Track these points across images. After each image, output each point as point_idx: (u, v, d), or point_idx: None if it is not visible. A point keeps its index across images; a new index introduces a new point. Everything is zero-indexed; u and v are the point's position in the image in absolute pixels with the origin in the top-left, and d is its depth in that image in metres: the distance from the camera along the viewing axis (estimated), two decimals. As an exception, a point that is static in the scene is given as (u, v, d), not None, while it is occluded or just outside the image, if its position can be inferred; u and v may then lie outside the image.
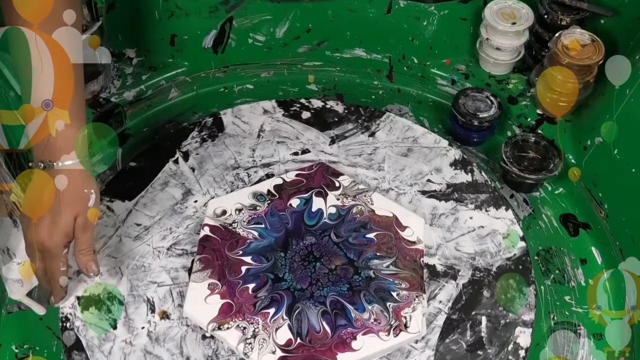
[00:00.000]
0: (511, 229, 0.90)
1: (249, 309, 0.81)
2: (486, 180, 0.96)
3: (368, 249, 0.86)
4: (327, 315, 0.81)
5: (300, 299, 0.82)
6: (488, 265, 0.87)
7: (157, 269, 0.88)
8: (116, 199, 0.95)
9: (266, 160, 0.99)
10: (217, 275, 0.85)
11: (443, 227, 0.91)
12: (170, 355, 0.81)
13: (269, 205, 0.92)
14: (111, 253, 0.90)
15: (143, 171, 0.99)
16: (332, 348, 0.78)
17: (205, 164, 0.99)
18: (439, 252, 0.88)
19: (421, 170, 0.97)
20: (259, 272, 0.85)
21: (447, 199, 0.94)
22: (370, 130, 1.02)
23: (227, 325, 0.80)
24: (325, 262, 0.86)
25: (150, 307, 0.85)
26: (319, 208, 0.91)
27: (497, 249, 0.88)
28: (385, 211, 0.90)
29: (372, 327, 0.79)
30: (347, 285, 0.83)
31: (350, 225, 0.89)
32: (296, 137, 1.02)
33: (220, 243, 0.88)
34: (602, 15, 1.07)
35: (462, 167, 0.97)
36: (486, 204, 0.93)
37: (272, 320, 0.80)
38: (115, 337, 0.83)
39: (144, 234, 0.92)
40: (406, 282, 0.83)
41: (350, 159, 0.99)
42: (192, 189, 0.96)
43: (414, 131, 1.02)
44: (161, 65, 1.17)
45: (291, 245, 0.87)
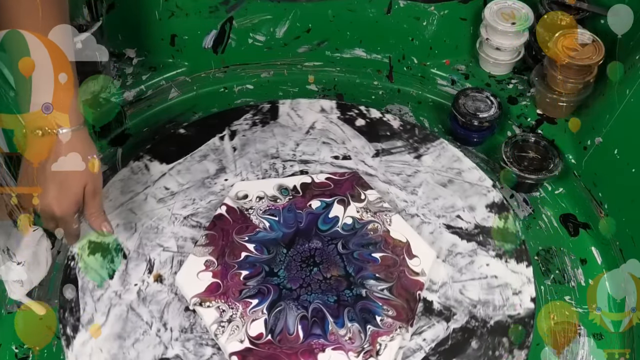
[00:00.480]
0: (523, 285, 0.85)
1: (234, 294, 0.82)
2: (518, 231, 0.91)
3: (369, 268, 0.85)
4: (304, 321, 0.80)
5: (285, 298, 0.82)
6: (487, 317, 0.83)
7: (169, 234, 0.91)
8: (155, 160, 0.99)
9: (306, 157, 1.00)
10: (216, 254, 0.86)
11: (455, 267, 0.88)
12: (150, 317, 0.83)
13: (290, 200, 0.92)
14: (133, 208, 0.93)
15: (189, 140, 1.02)
16: (298, 354, 0.77)
17: (247, 146, 1.01)
18: (441, 290, 0.85)
19: (454, 204, 0.94)
20: (256, 262, 0.85)
21: (470, 239, 0.90)
22: (418, 152, 1.00)
23: (208, 304, 0.81)
24: (322, 269, 0.85)
25: (149, 267, 0.87)
26: (336, 215, 0.90)
27: (503, 304, 0.84)
28: (400, 235, 0.88)
29: (344, 345, 0.78)
30: (335, 297, 0.82)
31: (361, 240, 0.88)
32: (342, 142, 1.02)
33: (230, 224, 0.89)
34: (602, 15, 1.05)
35: (498, 211, 0.93)
36: (508, 255, 0.89)
37: (251, 311, 0.81)
38: (108, 286, 0.86)
39: (169, 198, 0.95)
40: (395, 310, 0.81)
41: (388, 175, 0.97)
42: (227, 167, 0.98)
43: (461, 163, 0.99)
44: (161, 65, 1.17)
45: (296, 245, 0.87)
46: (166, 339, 0.81)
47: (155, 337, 0.81)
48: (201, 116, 1.07)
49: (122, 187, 0.96)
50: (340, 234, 0.88)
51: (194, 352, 0.80)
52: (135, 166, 0.98)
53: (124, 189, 0.96)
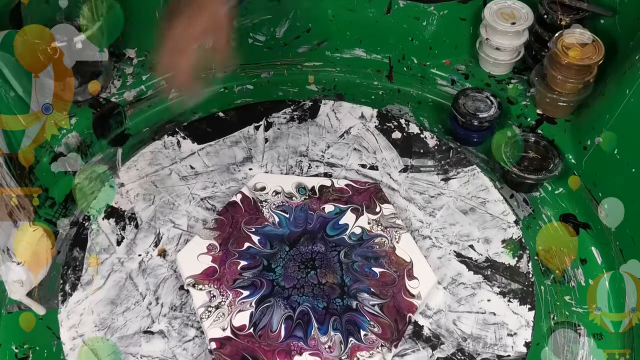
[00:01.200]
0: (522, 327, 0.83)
1: (228, 281, 0.83)
2: (528, 272, 0.88)
3: (366, 281, 0.84)
4: (289, 321, 0.80)
5: (275, 295, 0.82)
6: (474, 353, 0.81)
7: (183, 212, 0.93)
8: (188, 138, 1.01)
9: (333, 161, 1.00)
10: (221, 240, 0.87)
11: (455, 296, 0.86)
12: (146, 289, 0.85)
13: (305, 200, 0.92)
14: (156, 181, 0.96)
15: (225, 124, 1.04)
16: (275, 353, 0.78)
17: (279, 140, 1.02)
18: (435, 317, 0.84)
19: (470, 233, 0.92)
20: (257, 254, 0.86)
21: (477, 271, 0.88)
22: (447, 174, 0.98)
23: (201, 287, 0.83)
24: (319, 273, 0.85)
25: (156, 241, 0.90)
26: (346, 223, 0.90)
27: (495, 342, 0.82)
28: (406, 254, 0.87)
29: (322, 352, 0.78)
30: (324, 304, 0.82)
31: (365, 252, 0.87)
32: (374, 152, 1.01)
33: (241, 213, 0.90)
34: (602, 15, 1.04)
35: (513, 249, 0.90)
36: (512, 295, 0.86)
37: (240, 301, 0.82)
38: (114, 252, 0.89)
39: (192, 177, 0.97)
40: (381, 327, 0.80)
41: (410, 193, 0.96)
42: (255, 157, 0.99)
43: (487, 194, 0.96)
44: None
45: (299, 245, 0.87)
46: (155, 313, 0.83)
47: (145, 309, 0.84)
48: (201, 116, 1.07)
49: (151, 159, 0.99)
50: (346, 242, 0.88)
51: (178, 331, 0.82)
52: (168, 141, 1.01)
53: (152, 161, 0.99)
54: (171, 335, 0.81)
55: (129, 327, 0.82)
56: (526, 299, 0.86)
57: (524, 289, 0.87)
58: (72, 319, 0.83)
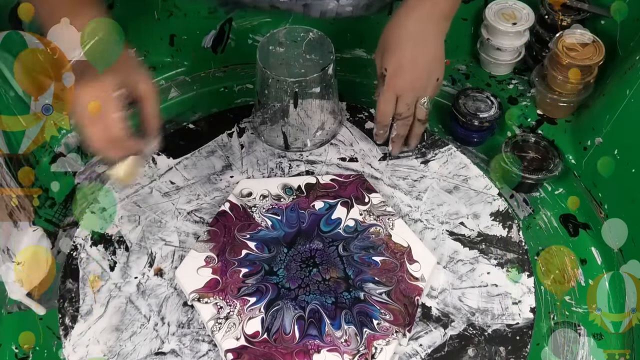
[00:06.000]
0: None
1: (233, 291, 0.82)
2: (521, 240, 0.90)
3: (368, 271, 0.85)
4: (301, 321, 0.80)
5: (283, 297, 0.82)
6: (485, 325, 0.82)
7: (171, 228, 0.91)
8: (162, 154, 0.99)
9: (313, 158, 1.00)
10: (217, 251, 0.86)
11: (456, 274, 0.87)
12: (149, 311, 0.83)
13: (294, 200, 0.92)
14: (138, 201, 0.94)
15: (197, 135, 1.03)
16: (293, 354, 0.77)
17: (255, 144, 1.01)
18: (441, 297, 0.85)
19: (459, 211, 0.94)
20: (256, 260, 0.86)
21: (472, 247, 0.90)
22: (425, 157, 1.00)
23: (206, 300, 0.82)
24: (322, 270, 0.85)
25: (150, 261, 0.88)
26: (338, 217, 0.90)
27: (502, 313, 0.84)
28: (402, 240, 0.88)
29: (339, 347, 0.78)
30: (333, 299, 0.82)
31: (362, 243, 0.87)
32: (350, 144, 1.01)
33: (233, 222, 0.89)
34: (602, 16, 1.05)
35: (502, 220, 0.93)
36: (509, 264, 0.88)
37: (248, 309, 0.81)
38: (109, 278, 0.87)
39: (174, 192, 0.95)
40: (392, 314, 0.81)
41: (393, 179, 0.97)
42: (234, 164, 0.99)
43: (468, 170, 0.98)
44: (161, 65, 1.16)
45: (297, 245, 0.87)
46: (163, 333, 0.82)
47: (152, 331, 0.82)
48: (201, 116, 1.07)
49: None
50: (342, 236, 0.88)
51: (190, 348, 0.80)
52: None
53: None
54: (184, 353, 0.80)
55: (139, 351, 0.80)
56: (523, 267, 0.88)
57: (519, 257, 0.89)
58: (79, 351, 0.80)
